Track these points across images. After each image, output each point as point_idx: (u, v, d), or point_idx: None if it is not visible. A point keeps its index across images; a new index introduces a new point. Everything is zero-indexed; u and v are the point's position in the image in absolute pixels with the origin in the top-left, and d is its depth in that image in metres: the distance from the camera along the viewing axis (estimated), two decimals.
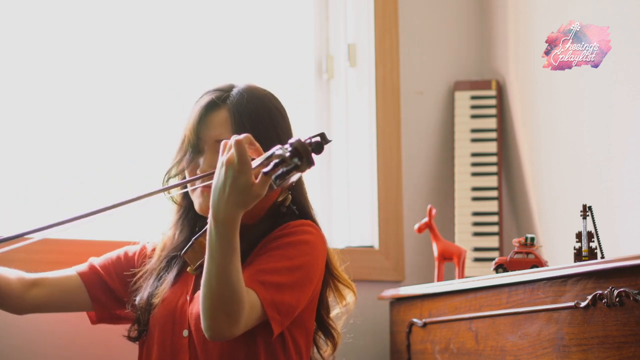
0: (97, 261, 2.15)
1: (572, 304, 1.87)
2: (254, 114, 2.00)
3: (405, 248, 2.85)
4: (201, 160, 2.00)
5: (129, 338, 2.09)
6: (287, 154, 1.57)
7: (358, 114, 2.92)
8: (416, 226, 2.57)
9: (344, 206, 2.90)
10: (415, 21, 2.97)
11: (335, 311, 2.17)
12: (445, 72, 2.99)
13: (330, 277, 2.08)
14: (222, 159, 1.72)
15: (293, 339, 1.96)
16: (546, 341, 1.94)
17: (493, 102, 2.92)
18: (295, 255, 1.91)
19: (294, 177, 1.70)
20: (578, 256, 1.98)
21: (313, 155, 1.59)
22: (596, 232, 1.99)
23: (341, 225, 2.90)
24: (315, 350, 2.14)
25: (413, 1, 2.97)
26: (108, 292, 2.13)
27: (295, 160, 1.57)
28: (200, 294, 1.79)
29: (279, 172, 1.59)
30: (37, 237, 1.84)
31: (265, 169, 1.62)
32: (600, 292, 1.81)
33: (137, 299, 2.06)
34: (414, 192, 2.89)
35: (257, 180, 1.68)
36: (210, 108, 2.00)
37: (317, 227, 2.02)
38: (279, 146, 1.63)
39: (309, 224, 1.99)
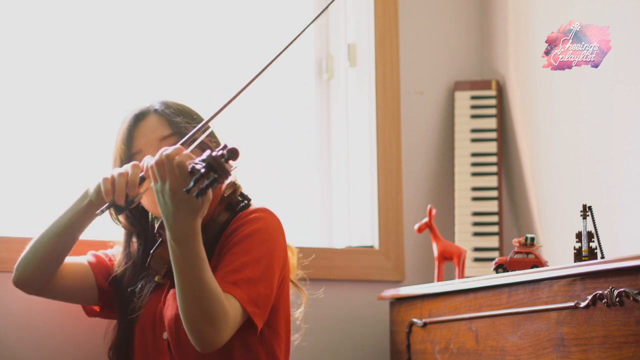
0: (99, 253, 2.18)
1: (572, 304, 1.87)
2: (177, 107, 2.07)
3: (405, 248, 2.85)
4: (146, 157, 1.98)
5: (109, 358, 2.13)
6: (203, 170, 1.60)
7: (358, 114, 2.92)
8: (416, 226, 2.57)
9: (344, 206, 2.90)
10: (415, 21, 2.97)
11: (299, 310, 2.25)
12: (445, 72, 2.99)
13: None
14: (161, 186, 1.71)
15: (269, 328, 1.97)
16: (546, 341, 1.95)
17: (493, 102, 2.92)
18: (255, 245, 1.92)
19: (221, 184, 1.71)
20: (578, 256, 1.98)
21: (231, 162, 1.61)
22: (596, 232, 1.99)
23: (341, 225, 2.90)
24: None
25: (413, 1, 2.97)
26: (108, 286, 2.14)
27: (212, 174, 1.60)
28: (179, 311, 1.80)
29: (203, 185, 1.61)
30: None
31: (186, 187, 1.64)
32: (600, 292, 1.81)
33: (119, 324, 2.10)
34: (414, 192, 2.89)
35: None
36: (137, 120, 2.04)
37: (269, 210, 2.02)
38: (200, 158, 1.64)
39: (260, 210, 2.01)
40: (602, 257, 1.98)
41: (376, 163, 2.85)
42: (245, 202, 2.02)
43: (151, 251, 1.93)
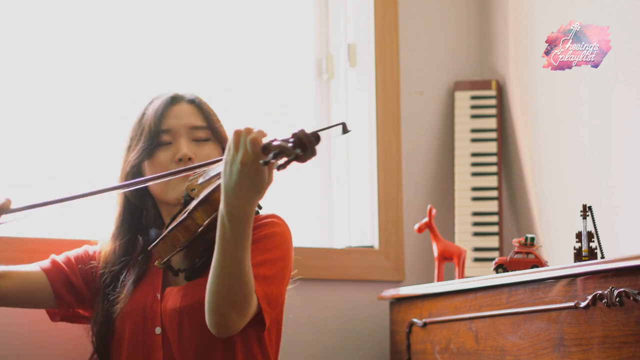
0: (59, 258, 2.13)
1: (572, 304, 1.87)
2: (211, 107, 2.11)
3: (405, 248, 2.85)
4: (174, 148, 2.02)
5: None
6: (290, 145, 1.58)
7: (358, 114, 2.92)
8: (416, 226, 2.57)
9: (344, 206, 2.90)
10: (415, 21, 2.97)
11: None
12: (445, 72, 2.99)
13: None
14: (233, 157, 1.68)
15: (268, 331, 1.98)
16: (546, 341, 1.95)
17: (493, 102, 2.92)
18: (273, 247, 1.94)
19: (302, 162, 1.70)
20: (578, 256, 1.98)
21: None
22: (596, 232, 1.99)
23: (341, 225, 2.90)
24: None
25: (413, 1, 2.97)
26: (71, 289, 2.10)
27: (298, 150, 1.58)
28: (210, 292, 1.78)
29: (280, 162, 1.59)
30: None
31: (264, 160, 1.62)
32: (600, 292, 1.81)
33: (94, 329, 2.05)
34: (414, 192, 2.89)
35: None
36: (173, 102, 2.07)
37: (280, 217, 2.04)
38: (275, 137, 1.64)
39: (276, 217, 2.02)
40: (602, 257, 1.98)
41: (376, 163, 2.85)
42: (257, 209, 1.99)
43: (166, 231, 1.90)
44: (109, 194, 2.00)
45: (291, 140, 1.59)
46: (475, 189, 2.87)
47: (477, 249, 2.81)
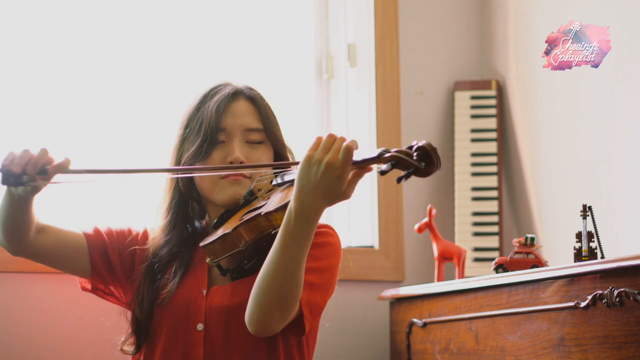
0: (102, 228, 2.10)
1: (572, 304, 1.87)
2: (268, 104, 2.06)
3: (405, 248, 2.85)
4: (229, 149, 1.98)
5: (123, 351, 2.05)
6: (414, 157, 1.59)
7: (358, 114, 2.92)
8: (416, 226, 2.57)
9: (344, 206, 2.90)
10: (415, 21, 2.97)
11: None
12: (445, 72, 2.99)
13: None
14: (320, 157, 1.68)
15: (306, 337, 1.98)
16: (546, 341, 1.95)
17: (493, 102, 2.92)
18: (324, 257, 1.93)
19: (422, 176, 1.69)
20: (578, 256, 1.98)
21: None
22: (596, 232, 1.99)
23: (341, 225, 2.90)
24: None
25: (413, 1, 2.97)
26: (107, 262, 2.07)
27: (423, 164, 1.59)
28: (259, 288, 1.77)
29: (404, 173, 1.59)
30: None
31: (383, 169, 1.61)
32: (600, 292, 1.81)
33: (135, 309, 2.02)
34: (414, 192, 2.89)
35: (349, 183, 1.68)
36: (233, 98, 2.03)
37: (334, 229, 2.03)
38: (383, 149, 1.63)
39: (329, 227, 2.01)
40: (602, 257, 1.98)
41: None
42: None
43: (231, 229, 1.86)
44: (160, 175, 2.04)
45: (415, 152, 1.58)
46: (475, 189, 2.87)
47: (477, 249, 2.81)
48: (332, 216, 2.91)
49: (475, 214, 2.84)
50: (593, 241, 1.98)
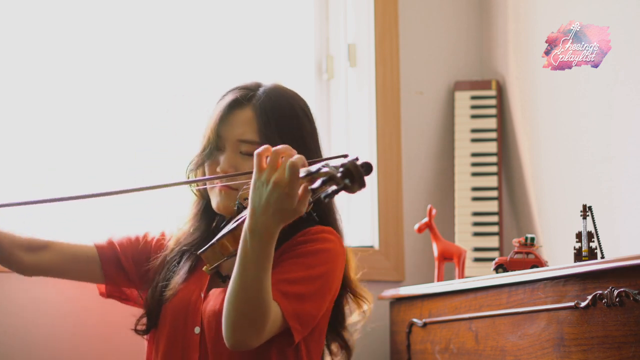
0: (116, 238, 2.13)
1: (572, 304, 1.87)
2: (281, 114, 2.00)
3: (405, 248, 2.85)
4: (221, 159, 1.99)
5: (137, 331, 2.07)
6: (339, 174, 1.54)
7: (358, 114, 2.92)
8: (416, 226, 2.57)
9: (344, 206, 2.90)
10: (415, 21, 2.97)
11: (353, 318, 2.16)
12: (445, 72, 2.99)
13: (346, 290, 2.08)
14: (268, 176, 1.66)
15: (307, 346, 1.96)
16: (546, 341, 1.95)
17: (493, 102, 2.92)
18: (316, 264, 1.90)
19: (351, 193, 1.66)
20: (578, 256, 1.98)
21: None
22: (596, 232, 1.99)
23: None
24: (328, 354, 2.13)
25: (413, 1, 2.97)
26: (121, 270, 2.10)
27: (347, 181, 1.53)
28: (226, 303, 1.77)
29: (329, 191, 1.55)
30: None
31: (313, 186, 1.59)
32: (600, 292, 1.81)
33: (149, 292, 2.04)
34: (414, 192, 2.89)
35: (299, 198, 1.66)
36: (234, 106, 2.00)
37: (337, 234, 2.01)
38: (323, 163, 1.61)
39: (329, 231, 1.99)
40: (602, 257, 1.98)
41: (376, 163, 2.85)
42: (315, 219, 1.90)
43: (215, 238, 1.86)
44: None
45: (340, 169, 1.54)
46: (475, 189, 2.87)
47: (477, 249, 2.81)
48: None
49: (475, 214, 2.84)
50: (593, 241, 1.98)
